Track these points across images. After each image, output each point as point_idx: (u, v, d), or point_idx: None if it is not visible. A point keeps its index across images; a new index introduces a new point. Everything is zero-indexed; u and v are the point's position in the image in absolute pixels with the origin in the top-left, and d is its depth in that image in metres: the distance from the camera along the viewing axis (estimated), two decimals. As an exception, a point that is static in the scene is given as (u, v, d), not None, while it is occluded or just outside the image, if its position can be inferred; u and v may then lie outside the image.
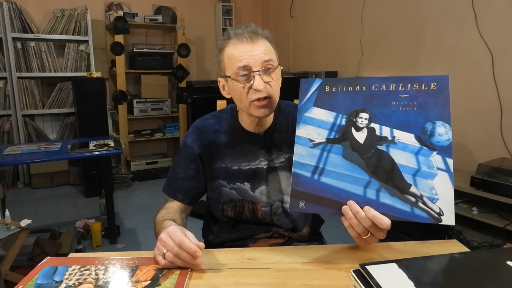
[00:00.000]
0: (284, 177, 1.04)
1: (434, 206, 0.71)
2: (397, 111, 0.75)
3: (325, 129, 0.79)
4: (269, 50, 0.94)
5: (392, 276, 0.64)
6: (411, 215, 0.72)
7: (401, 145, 0.75)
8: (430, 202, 0.72)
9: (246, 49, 0.91)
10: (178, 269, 0.74)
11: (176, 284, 0.69)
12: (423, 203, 0.72)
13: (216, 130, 1.06)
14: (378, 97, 0.76)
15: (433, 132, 0.73)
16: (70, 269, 0.75)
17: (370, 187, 0.74)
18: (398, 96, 0.75)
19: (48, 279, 0.72)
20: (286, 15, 4.59)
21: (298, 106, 0.81)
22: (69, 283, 0.70)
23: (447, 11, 2.79)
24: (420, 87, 0.75)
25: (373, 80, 0.77)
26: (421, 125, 0.74)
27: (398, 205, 0.73)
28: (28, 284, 0.70)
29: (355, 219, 0.72)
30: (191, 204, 1.07)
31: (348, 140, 0.77)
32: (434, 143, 0.73)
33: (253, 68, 0.91)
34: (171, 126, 4.49)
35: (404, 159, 0.74)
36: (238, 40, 0.92)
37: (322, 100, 0.80)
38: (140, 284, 0.69)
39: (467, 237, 2.43)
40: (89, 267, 0.76)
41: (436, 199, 0.72)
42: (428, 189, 0.72)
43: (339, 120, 0.78)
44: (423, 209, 0.72)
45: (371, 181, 0.75)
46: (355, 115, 0.77)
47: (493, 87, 2.52)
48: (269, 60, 0.92)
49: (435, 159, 0.73)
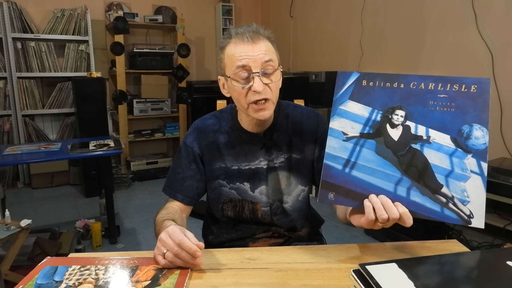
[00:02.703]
0: (284, 177, 1.04)
1: (465, 208, 0.72)
2: (434, 111, 0.75)
3: (359, 123, 0.78)
4: (270, 51, 0.93)
5: (392, 276, 0.64)
6: (441, 215, 0.73)
7: (436, 146, 0.74)
8: (461, 204, 0.72)
9: (246, 49, 0.91)
10: (178, 269, 0.74)
11: (176, 284, 0.69)
12: (454, 204, 0.72)
13: (216, 130, 1.06)
14: (416, 96, 0.76)
15: (469, 135, 0.73)
16: (70, 269, 0.75)
17: (401, 185, 0.74)
18: (436, 95, 0.75)
19: (48, 279, 0.72)
20: (286, 15, 4.59)
21: (333, 98, 0.80)
22: (69, 283, 0.70)
23: (447, 11, 2.79)
24: (460, 88, 0.74)
25: (412, 78, 0.76)
26: (458, 127, 0.73)
27: (428, 205, 0.73)
28: (28, 284, 0.70)
29: (380, 204, 0.72)
30: (191, 204, 1.07)
31: (382, 136, 0.77)
32: (470, 146, 0.73)
33: (252, 69, 0.90)
34: (171, 126, 4.49)
35: (437, 160, 0.74)
36: (239, 40, 0.92)
37: (359, 94, 0.79)
38: (140, 284, 0.69)
39: (467, 237, 2.43)
40: (89, 267, 0.76)
41: (467, 201, 0.72)
42: (460, 191, 0.72)
43: (374, 116, 0.78)
44: (453, 210, 0.72)
45: (402, 179, 0.74)
46: (391, 111, 0.77)
47: (493, 87, 2.52)
48: (269, 61, 0.91)
49: (469, 162, 0.73)
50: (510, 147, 2.47)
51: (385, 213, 0.71)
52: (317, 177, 1.06)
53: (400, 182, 0.74)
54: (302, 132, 1.05)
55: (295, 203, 1.05)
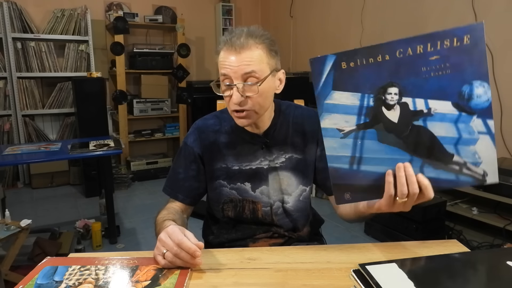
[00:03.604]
0: (285, 177, 1.04)
1: (478, 169, 0.70)
2: (429, 79, 0.67)
3: (352, 114, 0.71)
4: (256, 61, 0.89)
5: (392, 276, 0.64)
6: (457, 182, 0.71)
7: (439, 116, 0.69)
8: (474, 167, 0.70)
9: (230, 59, 0.89)
10: (178, 269, 0.74)
11: (176, 284, 0.69)
12: (468, 168, 0.70)
13: (217, 130, 1.06)
14: (406, 65, 0.67)
15: (471, 95, 0.67)
16: (70, 269, 0.75)
17: (413, 166, 0.70)
18: (428, 60, 0.67)
19: (48, 279, 0.72)
20: (286, 15, 4.59)
21: (315, 93, 0.71)
22: (69, 283, 0.70)
23: (447, 11, 2.79)
24: (451, 43, 0.65)
25: (396, 44, 0.68)
26: (457, 90, 0.67)
27: (443, 176, 0.71)
28: (28, 284, 0.70)
29: (404, 178, 0.70)
30: (192, 204, 1.07)
31: (380, 122, 0.70)
32: (473, 106, 0.67)
33: (233, 80, 0.90)
34: (171, 126, 4.49)
35: (443, 131, 0.69)
36: (226, 47, 0.90)
37: (341, 80, 0.70)
38: (140, 284, 0.69)
39: (467, 237, 2.43)
40: (89, 267, 0.76)
41: (479, 163, 0.69)
42: (471, 155, 0.69)
43: (366, 101, 0.70)
44: (467, 175, 0.70)
45: (413, 159, 0.71)
46: (383, 91, 0.69)
47: (493, 87, 2.52)
48: (251, 72, 0.88)
49: (475, 124, 0.68)
50: (510, 147, 2.47)
51: (406, 188, 0.70)
52: (319, 177, 1.06)
53: (411, 163, 0.70)
54: (303, 132, 1.05)
55: (297, 203, 1.05)
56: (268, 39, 0.93)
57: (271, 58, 0.93)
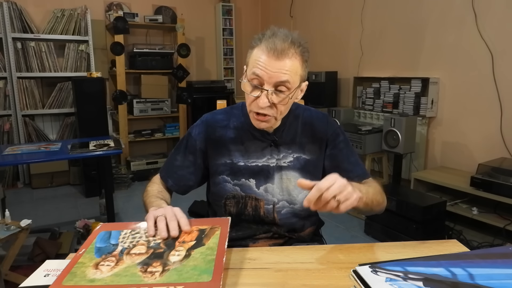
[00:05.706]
0: (292, 177, 1.03)
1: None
2: None
3: None
4: (293, 71, 0.89)
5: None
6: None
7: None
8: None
9: (268, 62, 0.87)
10: (218, 229, 0.80)
11: (219, 245, 0.75)
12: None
13: (225, 126, 1.06)
14: None
15: None
16: (122, 233, 0.81)
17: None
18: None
19: (105, 242, 0.78)
20: (286, 15, 4.59)
21: None
22: (124, 245, 0.77)
23: (447, 11, 2.79)
24: None
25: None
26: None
27: None
28: (89, 247, 0.77)
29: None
30: (178, 192, 1.09)
31: None
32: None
33: (265, 84, 0.89)
34: (171, 126, 4.49)
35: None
36: (267, 48, 0.88)
37: None
38: (187, 245, 0.76)
39: (467, 237, 2.43)
40: (138, 231, 0.81)
41: None
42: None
43: None
44: None
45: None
46: None
47: (493, 87, 2.52)
48: (285, 82, 0.88)
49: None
50: (510, 147, 2.47)
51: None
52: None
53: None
54: (312, 133, 1.06)
55: None
56: (306, 50, 0.93)
57: (303, 70, 0.94)
